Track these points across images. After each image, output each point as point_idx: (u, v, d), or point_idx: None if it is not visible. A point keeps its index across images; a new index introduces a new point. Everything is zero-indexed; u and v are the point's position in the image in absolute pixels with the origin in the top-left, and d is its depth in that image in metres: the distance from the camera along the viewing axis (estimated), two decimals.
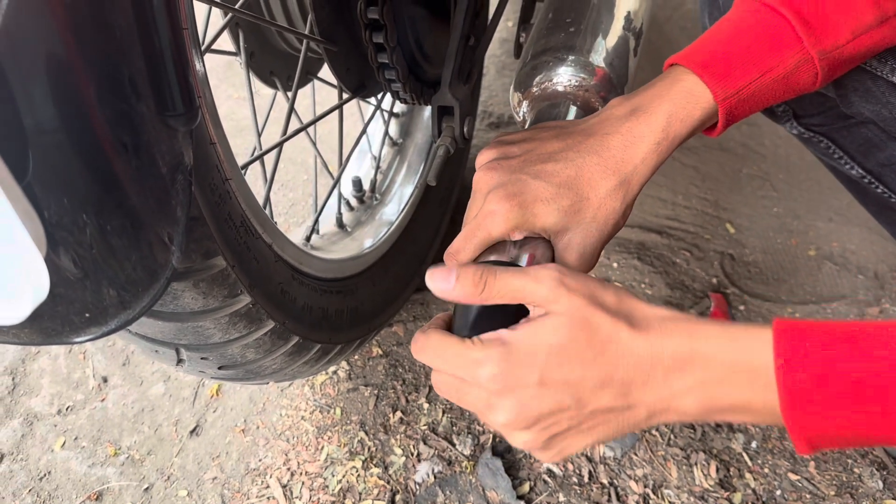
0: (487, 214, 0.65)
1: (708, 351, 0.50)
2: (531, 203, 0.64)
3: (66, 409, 1.23)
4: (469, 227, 0.67)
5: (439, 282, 0.58)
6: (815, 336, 0.47)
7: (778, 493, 1.11)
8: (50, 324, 0.55)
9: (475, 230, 0.66)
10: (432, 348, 0.58)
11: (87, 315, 0.55)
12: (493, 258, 0.66)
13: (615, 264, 1.47)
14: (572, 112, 0.87)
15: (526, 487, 1.12)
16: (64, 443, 1.19)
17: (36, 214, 0.41)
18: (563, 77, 0.89)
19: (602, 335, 0.52)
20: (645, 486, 1.12)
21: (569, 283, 0.54)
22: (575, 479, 1.13)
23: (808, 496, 1.11)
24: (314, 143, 1.11)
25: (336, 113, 1.08)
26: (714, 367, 0.50)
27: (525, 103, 0.92)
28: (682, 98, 0.63)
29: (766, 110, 0.90)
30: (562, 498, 1.10)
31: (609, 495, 1.11)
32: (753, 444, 1.17)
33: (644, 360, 0.51)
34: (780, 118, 0.89)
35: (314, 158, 1.64)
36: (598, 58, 0.90)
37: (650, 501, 1.11)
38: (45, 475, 1.14)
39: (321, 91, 1.30)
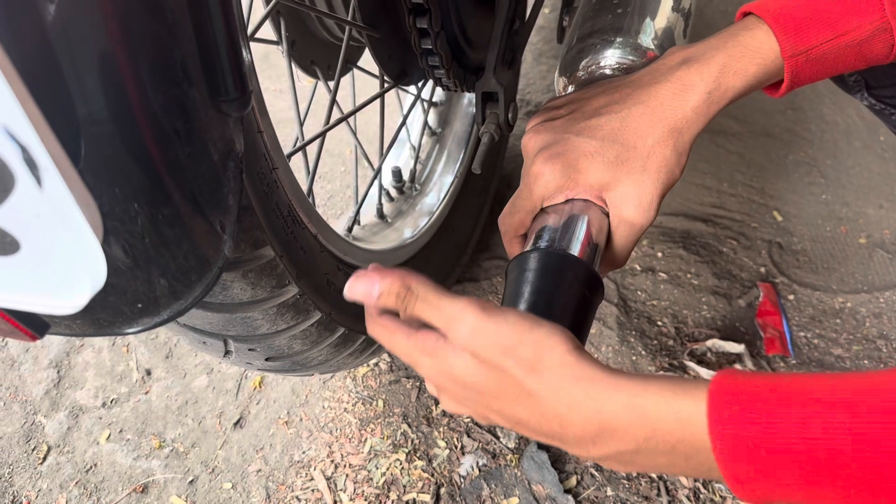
0: (533, 177, 0.65)
1: (617, 425, 0.45)
2: (574, 160, 0.63)
3: (111, 401, 1.24)
4: (518, 191, 0.68)
5: (361, 288, 0.54)
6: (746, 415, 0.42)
7: None
8: (102, 314, 0.54)
9: (522, 193, 0.67)
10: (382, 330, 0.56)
11: (139, 305, 0.54)
12: (549, 221, 0.65)
13: (659, 254, 1.44)
14: None
15: (573, 481, 1.10)
16: (109, 435, 1.19)
17: (92, 200, 0.40)
18: (611, 59, 0.86)
19: (512, 391, 0.48)
20: (695, 480, 1.09)
21: (483, 330, 0.48)
22: (623, 473, 1.11)
23: None
24: (354, 134, 1.10)
25: (375, 103, 1.07)
26: (626, 440, 0.45)
27: (571, 88, 0.90)
28: (738, 51, 0.61)
29: (836, 79, 0.86)
30: (609, 492, 1.08)
31: (658, 489, 1.08)
32: None
33: (555, 425, 0.48)
34: (851, 88, 0.86)
35: (353, 149, 1.63)
36: (647, 39, 0.88)
37: (700, 495, 1.08)
38: (91, 467, 1.15)
39: (358, 82, 1.29)
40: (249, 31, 0.82)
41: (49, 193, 0.36)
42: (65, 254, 0.39)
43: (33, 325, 0.48)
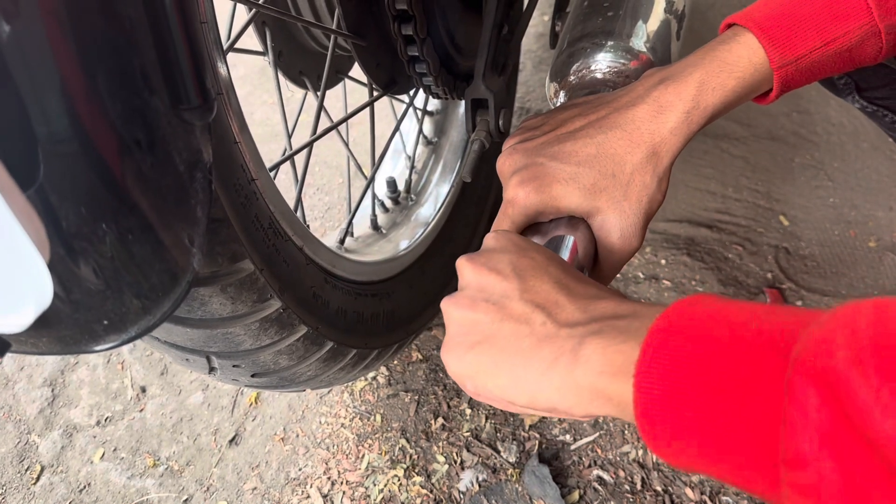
0: (508, 202, 0.64)
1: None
2: (548, 186, 0.62)
3: (105, 419, 1.22)
4: (497, 217, 0.66)
5: None
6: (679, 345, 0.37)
7: None
8: (68, 332, 0.52)
9: (500, 219, 0.65)
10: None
11: (105, 322, 0.52)
12: (535, 239, 0.64)
13: (663, 261, 1.41)
14: None
15: (576, 496, 1.07)
16: (103, 454, 1.17)
17: (38, 218, 0.38)
18: (602, 63, 0.84)
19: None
20: (701, 493, 1.06)
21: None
22: (627, 487, 1.08)
23: None
24: (346, 143, 1.08)
25: (369, 113, 1.05)
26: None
27: (562, 93, 0.88)
28: (716, 66, 0.59)
29: (826, 83, 0.84)
30: None
31: (664, 503, 1.05)
32: None
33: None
34: (841, 91, 0.84)
35: (347, 160, 1.62)
36: (639, 42, 0.86)
37: None
38: (84, 487, 1.13)
39: (354, 93, 1.27)
40: (230, 40, 0.81)
41: None
42: (7, 273, 0.37)
43: None
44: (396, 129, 1.13)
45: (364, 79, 1.02)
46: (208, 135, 0.53)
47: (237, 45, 0.83)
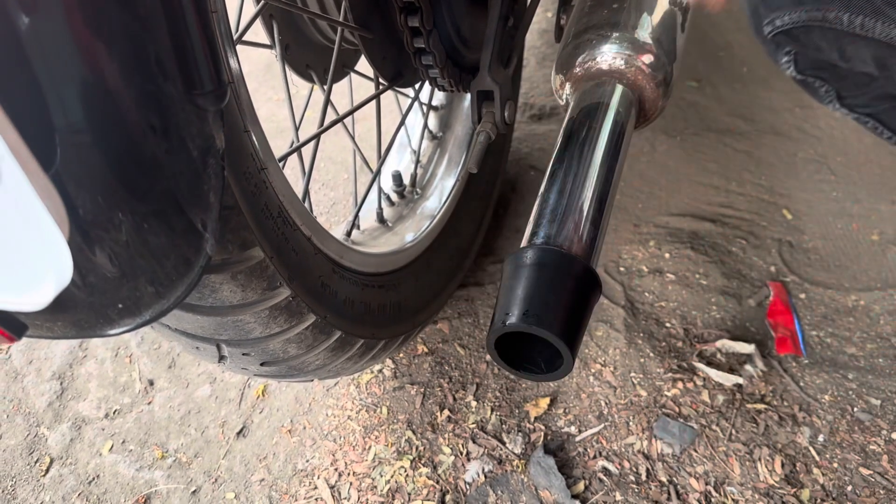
0: None
1: None
2: None
3: (114, 412, 1.23)
4: None
5: None
6: None
7: (849, 488, 1.05)
8: (83, 316, 0.53)
9: None
10: None
11: (120, 306, 0.53)
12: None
13: (667, 255, 1.42)
14: (618, 91, 0.83)
15: (581, 486, 1.08)
16: (112, 446, 1.18)
17: (57, 194, 0.39)
18: (608, 55, 0.85)
19: None
20: (706, 484, 1.07)
21: None
22: (632, 478, 1.08)
23: (881, 492, 1.04)
24: (352, 137, 1.09)
25: (375, 108, 1.06)
26: None
27: (568, 85, 0.88)
28: None
29: (809, 88, 0.84)
30: (619, 497, 1.06)
31: (668, 493, 1.06)
32: (820, 438, 1.11)
33: None
34: (822, 98, 0.84)
35: (353, 154, 1.62)
36: (644, 34, 0.86)
37: (712, 499, 1.05)
38: (93, 479, 1.14)
39: (360, 90, 1.28)
40: (239, 32, 0.81)
41: (9, 187, 0.36)
42: (28, 249, 0.38)
43: (10, 326, 0.47)
44: (402, 123, 1.14)
45: (370, 73, 1.03)
46: (220, 121, 0.54)
47: (245, 38, 0.84)
